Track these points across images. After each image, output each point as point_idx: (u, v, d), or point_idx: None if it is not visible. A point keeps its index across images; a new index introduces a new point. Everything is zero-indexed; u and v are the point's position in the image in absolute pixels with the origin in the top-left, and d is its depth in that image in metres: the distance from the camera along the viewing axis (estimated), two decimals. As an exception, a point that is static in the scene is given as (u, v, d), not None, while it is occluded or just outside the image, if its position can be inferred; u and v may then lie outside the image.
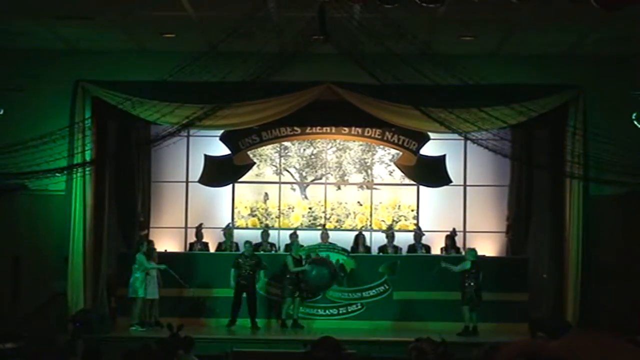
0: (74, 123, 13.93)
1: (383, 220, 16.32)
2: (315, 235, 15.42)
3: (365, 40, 12.00)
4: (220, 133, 15.87)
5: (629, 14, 10.85)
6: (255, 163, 16.35)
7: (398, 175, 16.42)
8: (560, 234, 14.59)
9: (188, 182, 16.19)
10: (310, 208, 16.49)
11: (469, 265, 13.62)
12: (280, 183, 16.46)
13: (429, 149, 16.23)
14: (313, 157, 16.54)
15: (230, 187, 16.37)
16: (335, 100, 14.33)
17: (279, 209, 16.42)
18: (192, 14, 12.30)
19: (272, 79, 12.92)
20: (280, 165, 16.49)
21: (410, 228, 16.04)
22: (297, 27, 11.88)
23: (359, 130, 16.10)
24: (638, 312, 13.29)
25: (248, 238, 15.45)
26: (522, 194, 15.46)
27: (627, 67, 14.21)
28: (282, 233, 16.05)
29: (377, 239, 15.79)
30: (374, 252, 15.43)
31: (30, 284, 14.05)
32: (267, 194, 16.46)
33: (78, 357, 9.83)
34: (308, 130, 16.14)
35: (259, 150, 16.37)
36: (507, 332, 13.22)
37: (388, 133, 16.06)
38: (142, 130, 14.82)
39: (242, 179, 16.33)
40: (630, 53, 13.95)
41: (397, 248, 15.26)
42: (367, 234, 15.67)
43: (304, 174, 16.54)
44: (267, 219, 16.36)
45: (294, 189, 16.55)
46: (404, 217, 16.36)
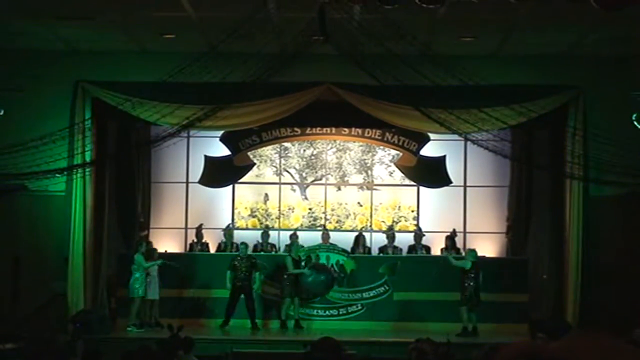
0: (74, 124, 13.94)
1: (383, 221, 16.32)
2: (315, 236, 15.42)
3: (365, 41, 12.00)
4: (221, 134, 15.88)
5: (629, 15, 10.85)
6: (256, 164, 16.35)
7: (398, 176, 16.42)
8: (560, 235, 14.58)
9: (188, 182, 16.19)
10: (311, 209, 16.49)
11: (469, 265, 13.60)
12: (281, 184, 16.46)
13: (429, 150, 16.23)
14: (313, 157, 16.54)
15: (231, 187, 16.37)
16: (335, 101, 14.32)
17: (279, 210, 16.42)
18: (192, 15, 12.30)
19: (272, 80, 12.92)
20: (281, 166, 16.49)
21: (411, 229, 16.04)
22: (297, 27, 11.88)
23: (359, 131, 16.11)
24: (638, 312, 13.28)
25: (248, 239, 15.48)
26: (522, 195, 15.45)
27: (626, 67, 14.21)
28: (282, 234, 16.05)
29: (377, 240, 15.79)
30: (374, 252, 15.42)
31: (30, 285, 14.04)
32: (267, 195, 16.46)
33: (78, 357, 9.83)
34: (308, 131, 16.15)
35: (259, 151, 16.37)
36: (507, 332, 13.20)
37: (388, 134, 16.06)
38: (142, 131, 14.83)
39: (242, 180, 16.34)
40: (630, 53, 13.95)
41: (397, 249, 15.26)
42: (367, 235, 15.68)
43: (304, 175, 16.53)
44: (267, 220, 16.36)
45: (294, 190, 16.55)
46: (404, 217, 16.36)
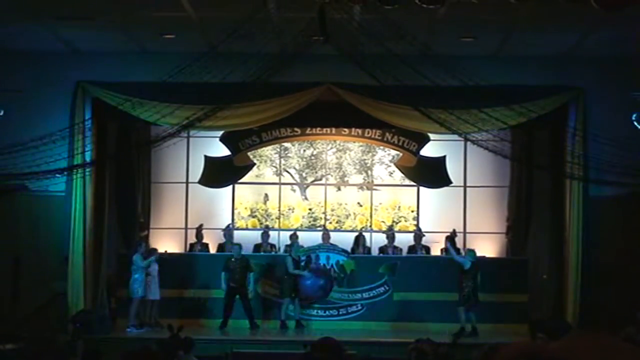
0: (74, 124, 13.93)
1: (383, 221, 16.32)
2: (316, 236, 15.42)
3: (365, 41, 12.00)
4: (221, 134, 15.88)
5: (629, 15, 10.84)
6: (256, 164, 16.36)
7: (398, 176, 16.42)
8: (560, 235, 14.58)
9: (188, 182, 16.19)
10: (310, 209, 16.49)
11: (469, 265, 13.60)
12: (281, 184, 16.47)
13: (429, 150, 16.23)
14: (313, 158, 16.55)
15: (231, 188, 16.38)
16: (335, 101, 14.32)
17: (279, 210, 16.42)
18: (192, 15, 12.29)
19: (272, 80, 12.93)
20: (281, 166, 16.49)
21: (411, 229, 16.04)
22: (297, 28, 11.88)
23: (359, 131, 16.12)
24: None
25: (248, 239, 15.51)
26: (522, 195, 15.45)
27: (627, 67, 14.20)
28: (282, 234, 16.06)
29: (377, 240, 15.79)
30: (374, 253, 15.43)
31: (31, 285, 14.03)
32: (267, 195, 16.47)
33: (78, 357, 9.84)
34: (308, 131, 16.16)
35: (259, 151, 16.37)
36: (507, 333, 13.19)
37: (388, 134, 16.06)
38: (142, 131, 14.83)
39: (242, 180, 16.34)
40: (630, 54, 13.94)
41: (397, 249, 15.26)
42: (367, 235, 15.68)
43: (304, 175, 16.54)
44: (267, 220, 16.36)
45: (294, 190, 16.55)
46: (404, 218, 16.36)
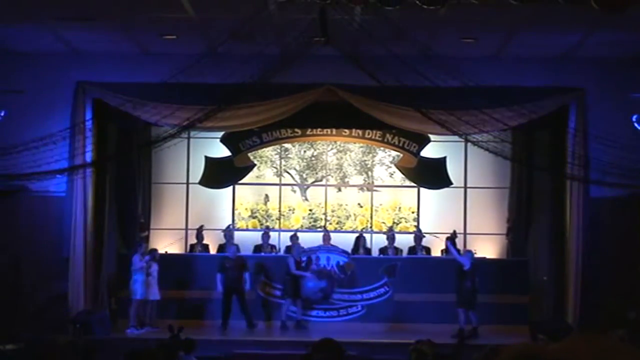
0: (75, 124, 13.93)
1: (383, 222, 16.31)
2: (316, 237, 15.42)
3: (366, 42, 12.00)
4: (221, 135, 15.88)
5: (629, 16, 10.84)
6: (256, 165, 16.36)
7: (398, 177, 16.42)
8: (561, 236, 14.57)
9: (188, 183, 16.19)
10: (311, 210, 16.49)
11: (469, 266, 13.60)
12: (281, 185, 16.46)
13: (430, 151, 16.23)
14: (313, 158, 16.55)
15: (231, 188, 16.38)
16: (336, 102, 14.32)
17: (280, 211, 16.42)
18: (193, 16, 12.30)
19: (273, 81, 12.91)
20: (281, 167, 16.49)
21: (411, 230, 16.04)
22: (297, 29, 11.88)
23: (360, 132, 16.12)
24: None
25: (249, 240, 15.52)
26: (522, 196, 15.44)
27: (627, 68, 14.21)
28: (282, 235, 16.06)
29: (377, 241, 15.79)
30: (375, 253, 15.43)
31: (31, 285, 14.05)
32: (267, 196, 16.46)
33: (78, 358, 9.83)
34: (309, 132, 16.16)
35: (260, 152, 16.37)
36: (507, 334, 13.20)
37: (388, 135, 16.06)
38: (142, 132, 14.82)
39: (242, 181, 16.34)
40: (631, 55, 13.94)
41: (397, 250, 15.26)
42: (367, 236, 15.68)
43: (305, 176, 16.54)
44: (267, 221, 16.36)
45: (295, 191, 16.55)
46: (405, 219, 16.36)
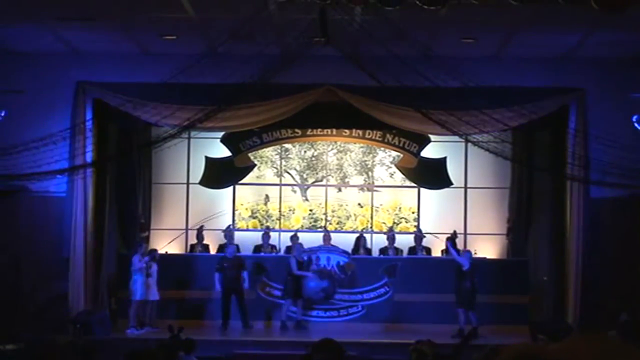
0: (75, 125, 13.93)
1: (384, 223, 16.31)
2: (316, 237, 15.42)
3: (366, 42, 12.00)
4: (221, 135, 15.88)
5: (630, 16, 10.84)
6: (256, 165, 16.36)
7: (399, 177, 16.42)
8: (561, 236, 14.57)
9: (189, 183, 16.19)
10: (311, 210, 16.49)
11: (468, 266, 13.61)
12: (281, 185, 16.46)
13: (430, 151, 16.23)
14: (314, 159, 16.55)
15: (231, 188, 16.37)
16: (336, 103, 14.32)
17: (280, 211, 16.42)
18: (193, 16, 12.30)
19: (273, 81, 12.91)
20: (281, 167, 16.49)
21: (411, 230, 16.04)
22: (298, 29, 11.88)
23: (360, 133, 16.12)
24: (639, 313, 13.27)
25: (249, 240, 15.53)
26: (522, 196, 15.44)
27: (627, 69, 14.21)
28: (283, 235, 16.06)
29: (377, 241, 15.79)
30: (375, 254, 15.43)
31: (31, 285, 14.05)
32: (267, 196, 16.46)
33: (78, 358, 9.83)
34: (309, 132, 16.16)
35: (260, 152, 16.37)
36: (507, 334, 13.20)
37: (389, 135, 16.06)
38: (143, 132, 14.82)
39: (243, 181, 16.34)
40: (631, 55, 13.94)
41: (397, 250, 15.26)
42: (367, 236, 15.68)
43: (305, 176, 16.53)
44: (267, 221, 16.36)
45: (295, 191, 16.55)
46: (405, 219, 16.36)
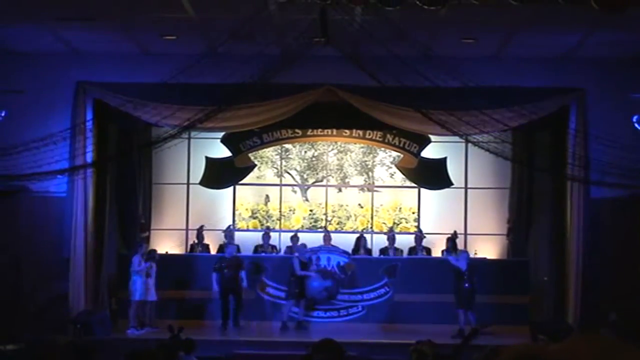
0: (75, 125, 13.93)
1: (384, 223, 16.31)
2: (317, 238, 15.41)
3: (366, 43, 12.00)
4: (222, 135, 15.88)
5: (630, 16, 10.84)
6: (257, 165, 16.36)
7: (399, 178, 16.42)
8: (561, 237, 14.57)
9: (189, 184, 16.19)
10: (311, 210, 16.49)
11: (465, 267, 13.62)
12: (281, 185, 16.47)
13: (430, 152, 16.22)
14: (314, 159, 16.55)
15: (231, 189, 16.38)
16: (336, 103, 14.32)
17: (280, 211, 16.42)
18: (193, 16, 12.29)
19: (273, 81, 12.91)
20: (282, 167, 16.49)
21: (411, 230, 16.04)
22: (298, 29, 11.87)
23: (360, 133, 16.12)
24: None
25: (249, 240, 15.53)
26: (523, 197, 15.44)
27: (628, 69, 14.20)
28: (283, 235, 16.06)
29: (378, 241, 15.79)
30: (375, 254, 15.43)
31: (31, 286, 14.05)
32: (268, 196, 16.46)
33: (78, 358, 9.83)
34: (309, 133, 16.16)
35: (260, 153, 16.37)
36: (507, 334, 13.19)
37: (389, 135, 16.06)
38: (143, 132, 14.82)
39: (243, 181, 16.34)
40: (631, 55, 13.93)
41: (397, 250, 15.26)
42: (368, 236, 15.68)
43: (305, 176, 16.53)
44: (268, 221, 16.36)
45: (295, 191, 16.55)
46: (405, 219, 16.36)
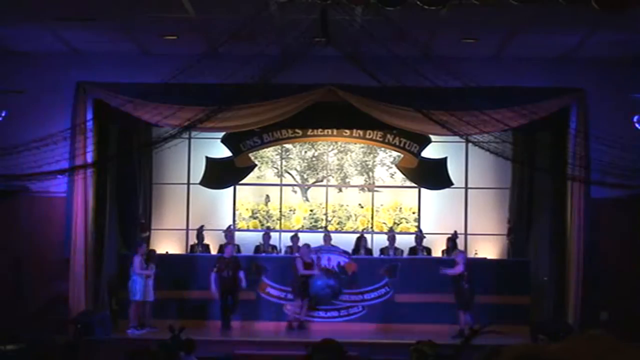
0: (76, 125, 13.93)
1: (384, 223, 16.31)
2: (317, 238, 15.41)
3: (367, 43, 11.99)
4: (222, 135, 15.88)
5: (630, 16, 10.84)
6: (257, 165, 16.36)
7: (399, 178, 16.41)
8: (562, 237, 14.56)
9: (189, 184, 16.19)
10: (312, 210, 16.48)
11: (462, 268, 13.62)
12: (282, 185, 16.46)
13: (431, 152, 16.22)
14: (314, 159, 16.54)
15: (232, 189, 16.37)
16: (337, 103, 14.32)
17: (280, 211, 16.42)
18: (193, 16, 12.29)
19: (273, 81, 12.90)
20: (282, 168, 16.49)
21: (412, 230, 16.03)
22: (298, 29, 11.87)
23: (361, 133, 16.12)
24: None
25: (250, 240, 15.53)
26: (523, 197, 15.44)
27: (628, 69, 14.20)
28: (283, 235, 16.06)
29: (378, 241, 15.79)
30: (375, 254, 15.43)
31: (32, 286, 14.05)
32: (268, 196, 16.46)
33: (78, 358, 9.84)
34: (309, 133, 16.16)
35: (261, 153, 16.37)
36: (508, 334, 13.16)
37: (389, 135, 16.05)
38: (143, 132, 14.83)
39: (243, 181, 16.34)
40: (631, 55, 13.93)
41: (398, 250, 15.26)
42: (368, 236, 15.68)
43: (305, 176, 16.53)
44: (268, 221, 16.36)
45: (295, 191, 16.55)
46: (405, 219, 16.36)
